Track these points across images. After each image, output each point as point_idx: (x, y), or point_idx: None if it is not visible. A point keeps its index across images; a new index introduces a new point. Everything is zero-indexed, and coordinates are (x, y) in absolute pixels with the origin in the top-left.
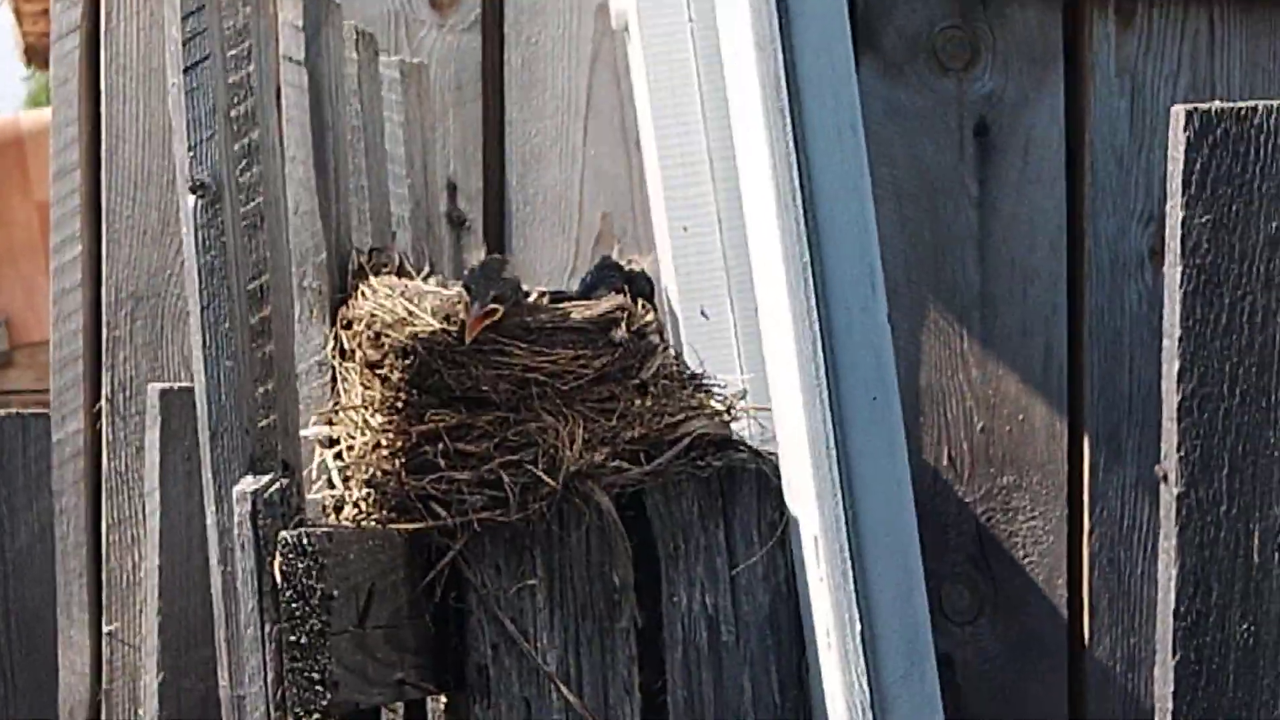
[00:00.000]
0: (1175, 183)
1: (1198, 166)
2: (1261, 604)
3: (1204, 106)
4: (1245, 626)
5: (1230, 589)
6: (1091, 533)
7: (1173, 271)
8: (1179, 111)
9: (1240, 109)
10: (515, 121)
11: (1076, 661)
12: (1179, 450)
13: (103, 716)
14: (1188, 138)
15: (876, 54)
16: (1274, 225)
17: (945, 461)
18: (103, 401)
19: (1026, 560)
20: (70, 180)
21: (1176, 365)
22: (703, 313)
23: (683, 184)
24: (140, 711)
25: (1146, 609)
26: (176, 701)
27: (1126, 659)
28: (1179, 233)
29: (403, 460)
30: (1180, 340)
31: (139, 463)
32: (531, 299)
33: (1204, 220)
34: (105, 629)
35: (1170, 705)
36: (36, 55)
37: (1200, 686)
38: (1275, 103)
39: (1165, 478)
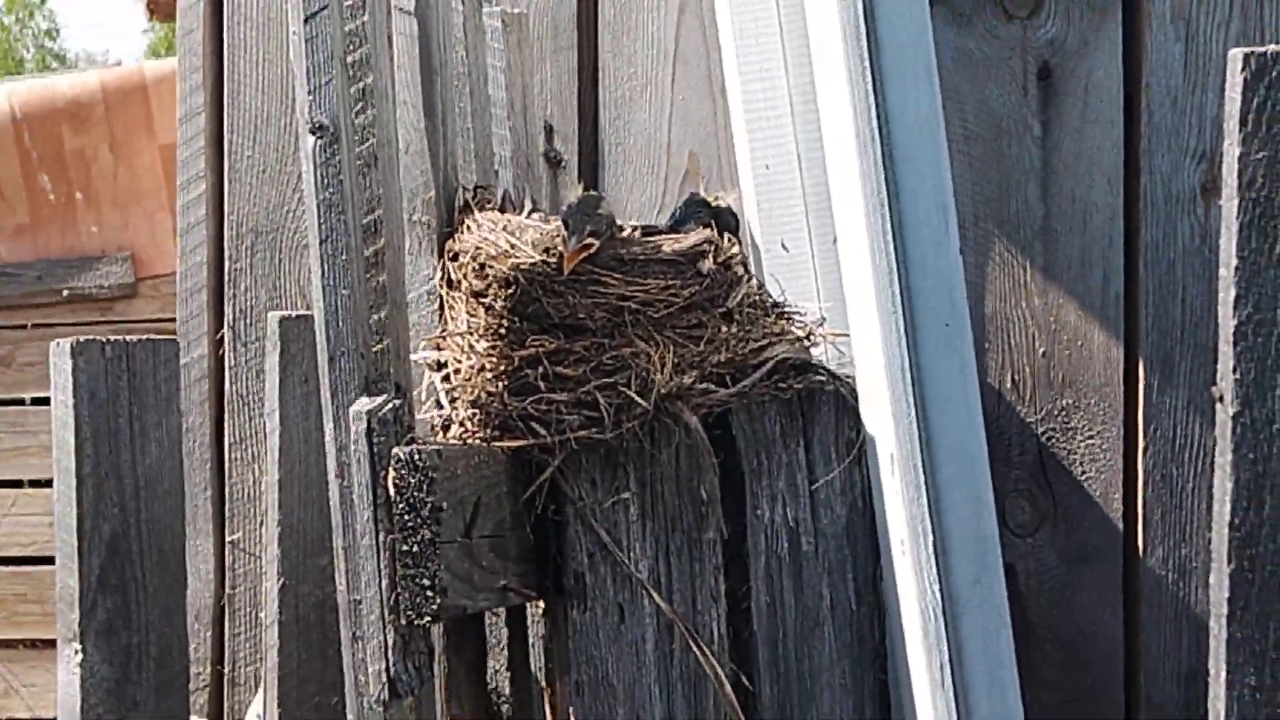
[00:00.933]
0: (1232, 121)
1: (1254, 105)
2: None
3: (1260, 49)
4: None
5: None
6: (1146, 451)
7: (1229, 204)
8: (1236, 54)
9: None
10: (608, 67)
11: (1131, 571)
12: (1234, 373)
13: (226, 619)
14: (1245, 78)
15: (946, 3)
16: None
17: (1009, 384)
18: (225, 329)
19: (1084, 477)
20: (196, 123)
21: (1233, 293)
22: (783, 245)
23: (764, 125)
24: (261, 615)
25: (1198, 522)
26: (294, 606)
27: (1178, 568)
28: (1235, 168)
29: (505, 383)
30: (1236, 270)
31: (259, 385)
32: (624, 233)
33: (1259, 156)
34: (229, 538)
35: (1225, 610)
36: (158, 9)
37: (1253, 593)
38: None
39: (1220, 398)
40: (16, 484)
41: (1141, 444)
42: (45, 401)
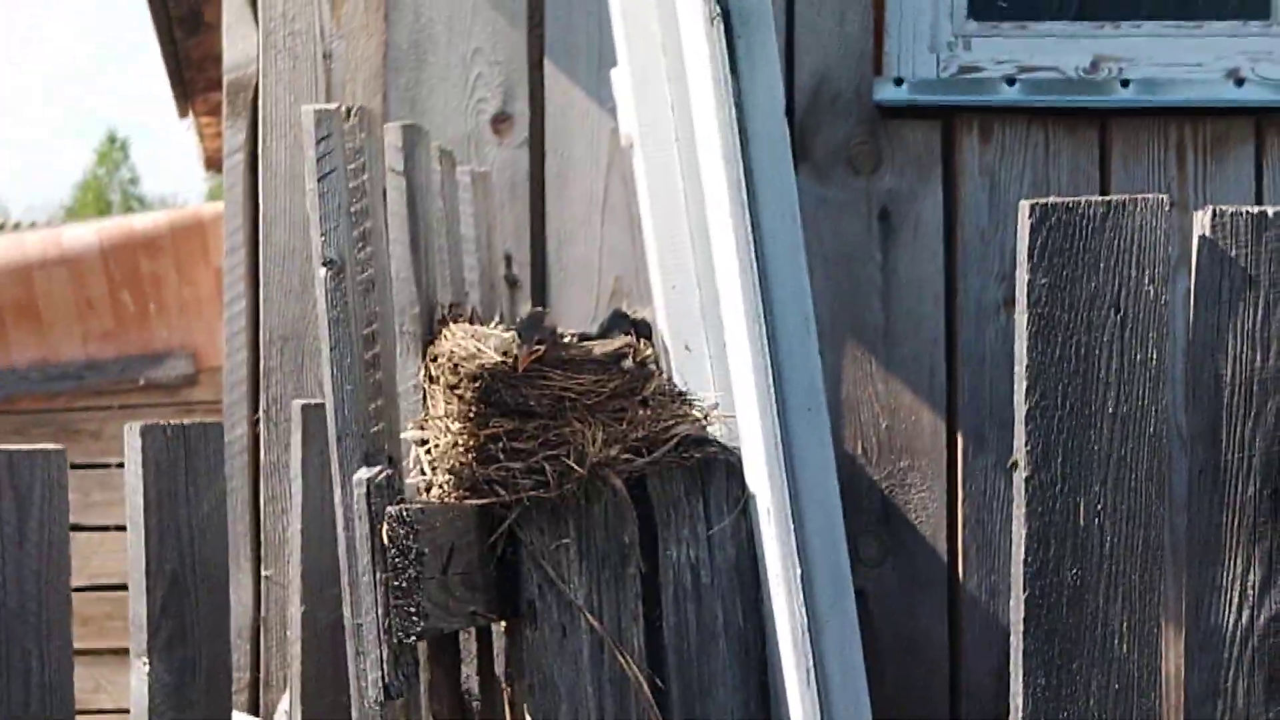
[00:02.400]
0: (1022, 254)
1: (1038, 243)
2: (1086, 555)
3: (1042, 201)
4: (1074, 571)
5: (1063, 545)
6: (964, 501)
7: (1021, 317)
8: (1025, 205)
9: (1068, 202)
10: (552, 212)
11: (954, 593)
12: (1026, 445)
13: (261, 636)
14: (1031, 223)
15: (809, 163)
16: (1093, 285)
17: (860, 450)
18: (261, 413)
19: (918, 521)
20: (237, 256)
21: (1024, 384)
22: (686, 347)
23: (671, 256)
24: (288, 633)
25: (1003, 556)
26: (313, 626)
27: (990, 591)
28: (1025, 290)
29: (474, 454)
30: (1026, 367)
31: (286, 456)
32: (565, 339)
33: (1043, 282)
34: (264, 573)
35: (1021, 627)
36: (213, 164)
37: (1042, 614)
38: (1095, 198)
39: (1014, 465)
40: (104, 528)
41: (961, 496)
42: None
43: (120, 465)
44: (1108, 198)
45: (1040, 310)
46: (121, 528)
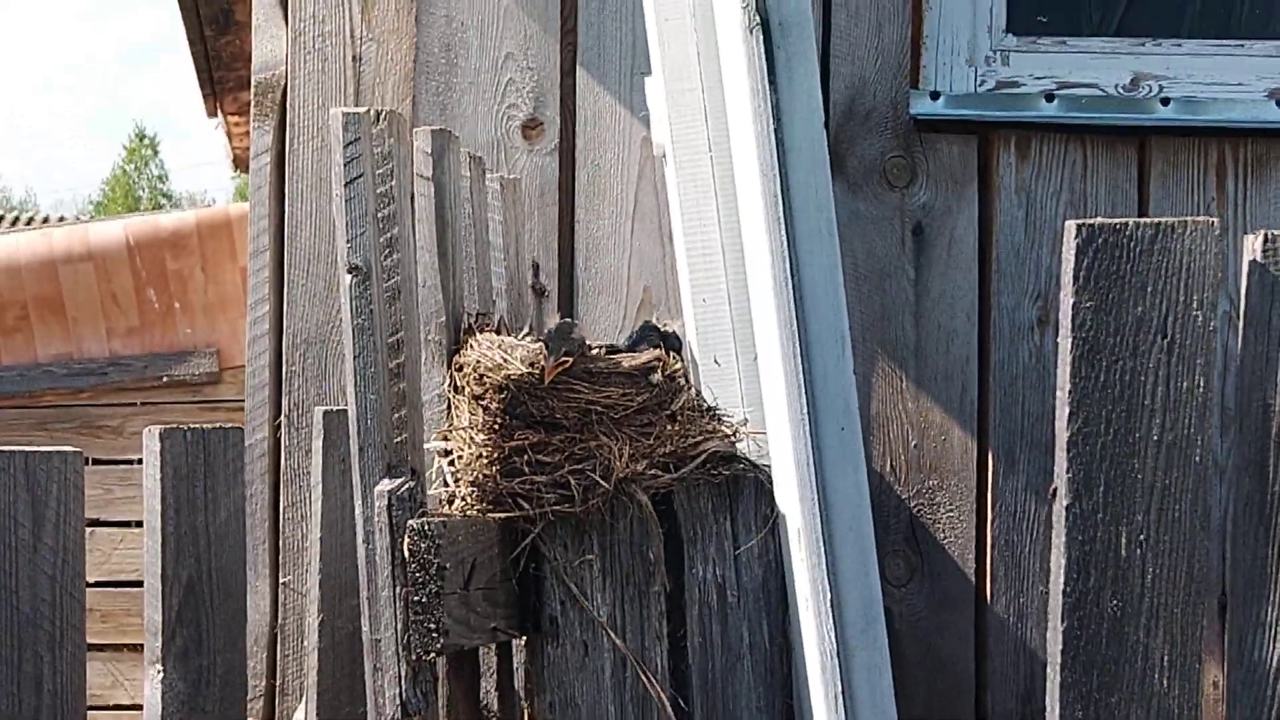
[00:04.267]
0: (1067, 276)
1: (1084, 265)
2: (1127, 586)
3: (1089, 222)
4: (1115, 603)
5: (1104, 575)
6: (993, 522)
7: (1065, 341)
8: (1071, 225)
9: (1115, 224)
10: (582, 221)
11: (981, 614)
12: (1068, 473)
13: (278, 644)
14: (1077, 244)
15: (843, 176)
16: (1139, 309)
17: (889, 468)
18: (282, 417)
19: (945, 541)
20: (262, 259)
21: (1067, 410)
22: (715, 361)
23: (702, 268)
24: (305, 642)
25: (1032, 578)
26: (331, 635)
27: (1017, 613)
28: (1069, 313)
29: (498, 467)
30: (1070, 392)
31: (307, 462)
32: (593, 351)
33: (1088, 304)
34: (282, 580)
35: (1059, 660)
36: (241, 163)
37: (1081, 646)
38: (1143, 220)
39: (1054, 493)
40: (126, 524)
41: (990, 516)
42: None
43: (142, 461)
44: (1156, 219)
45: (1085, 334)
46: (142, 524)
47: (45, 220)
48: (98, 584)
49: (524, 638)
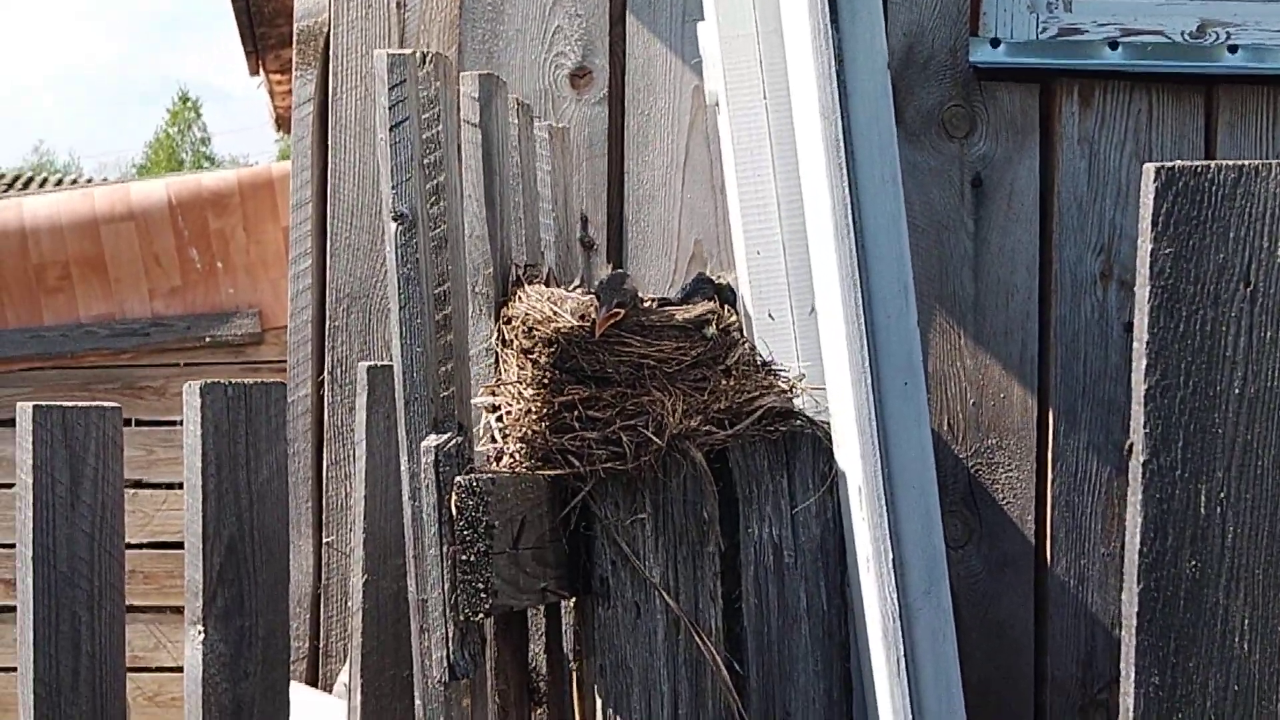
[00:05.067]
0: (1145, 222)
1: (1163, 210)
2: (1206, 546)
3: (1169, 164)
4: (1193, 564)
5: (1182, 535)
6: (1053, 482)
7: (1142, 290)
8: (1149, 168)
9: (1196, 166)
10: (631, 171)
11: (1040, 577)
12: (1144, 427)
13: (321, 605)
14: (1156, 188)
15: (900, 124)
16: (1221, 256)
17: (946, 427)
18: (326, 374)
19: (1004, 501)
20: (304, 211)
21: (1144, 362)
22: (770, 315)
23: (756, 219)
24: (349, 603)
25: (1094, 539)
26: (375, 597)
27: (1078, 576)
28: (1148, 260)
29: (547, 423)
30: (1147, 344)
31: (351, 419)
32: (645, 304)
33: (1167, 251)
34: (325, 540)
35: (1135, 623)
36: (283, 123)
37: (1157, 609)
38: (1225, 162)
39: (1130, 450)
40: (169, 486)
41: (1050, 476)
42: None
43: (183, 422)
44: (1239, 162)
45: (1164, 282)
46: (184, 486)
47: (89, 182)
48: (140, 545)
49: (574, 599)
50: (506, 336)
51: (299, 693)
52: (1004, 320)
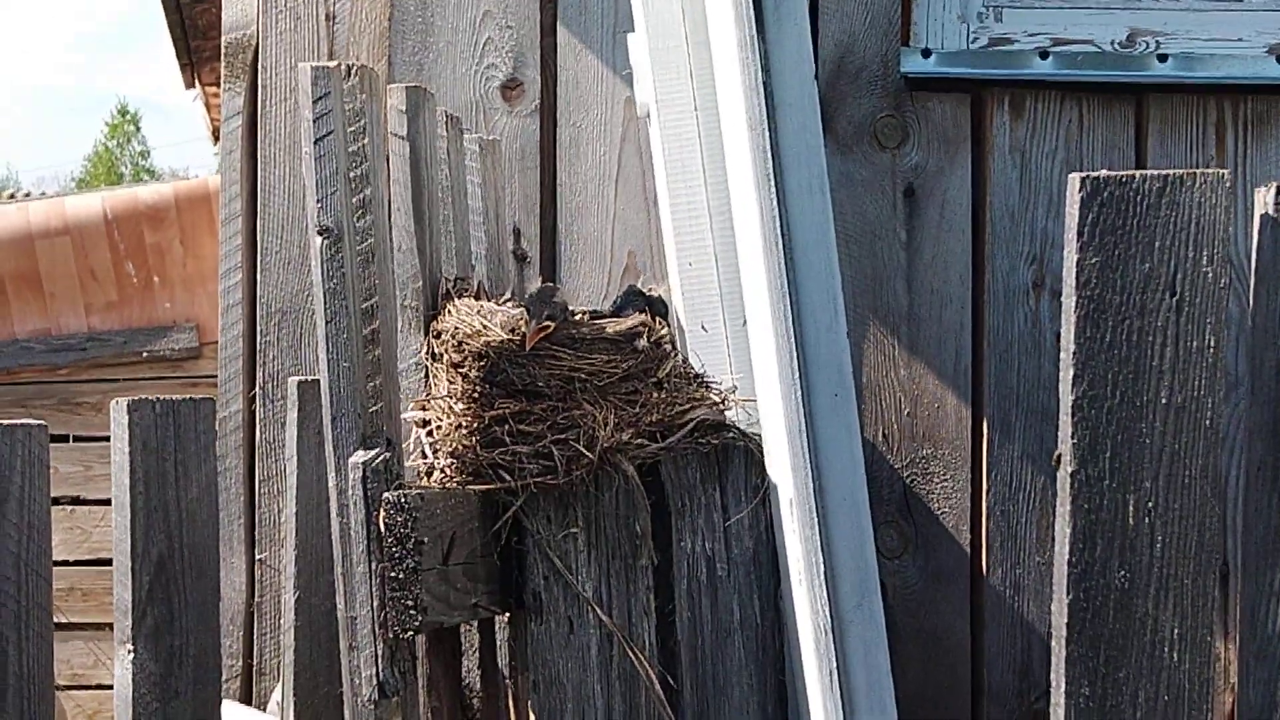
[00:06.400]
0: (1071, 232)
1: (1088, 220)
2: (1135, 556)
3: (1094, 174)
4: (1122, 574)
5: (1111, 545)
6: (988, 492)
7: (1069, 300)
8: (1074, 178)
9: (1121, 176)
10: (564, 183)
11: (976, 587)
12: (1072, 438)
13: (255, 622)
14: (1081, 198)
15: (832, 135)
16: (1146, 266)
17: (881, 437)
18: (257, 389)
19: (940, 511)
20: (234, 225)
21: (1071, 373)
22: (703, 327)
23: (688, 231)
24: (282, 620)
25: (1029, 549)
26: (308, 614)
27: (1014, 585)
28: (1073, 270)
29: (478, 437)
30: (1074, 354)
31: (282, 435)
32: (576, 316)
33: (1093, 261)
34: (258, 557)
35: (1065, 633)
36: (218, 135)
37: (1087, 619)
38: (1150, 172)
39: (1058, 460)
40: (106, 502)
41: (985, 486)
42: None
43: None
44: (1163, 171)
45: (1090, 292)
46: None
47: (27, 196)
48: (78, 562)
49: (507, 614)
50: (436, 351)
51: (232, 711)
52: (938, 330)
